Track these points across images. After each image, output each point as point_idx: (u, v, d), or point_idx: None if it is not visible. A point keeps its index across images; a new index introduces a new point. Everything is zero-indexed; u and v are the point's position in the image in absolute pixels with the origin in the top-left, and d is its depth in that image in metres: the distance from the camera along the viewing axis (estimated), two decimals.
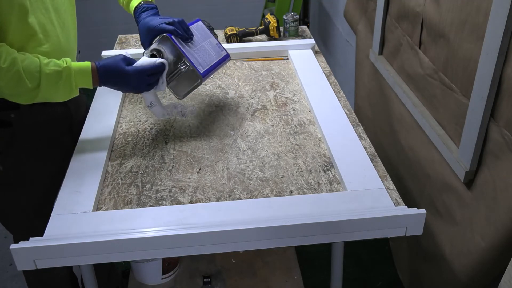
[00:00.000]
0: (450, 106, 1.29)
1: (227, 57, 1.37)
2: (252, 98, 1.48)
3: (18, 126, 1.20)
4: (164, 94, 1.51)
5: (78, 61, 1.17)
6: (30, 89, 1.06)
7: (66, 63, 1.10)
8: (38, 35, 1.13)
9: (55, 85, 1.09)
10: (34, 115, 1.22)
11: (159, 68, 1.18)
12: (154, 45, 1.24)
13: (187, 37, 1.27)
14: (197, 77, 1.25)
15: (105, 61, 1.15)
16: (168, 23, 1.25)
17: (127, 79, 1.15)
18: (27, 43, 1.12)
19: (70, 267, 1.55)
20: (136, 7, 1.34)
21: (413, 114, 1.51)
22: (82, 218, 1.01)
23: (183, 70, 1.24)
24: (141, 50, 1.75)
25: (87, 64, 1.12)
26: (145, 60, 1.19)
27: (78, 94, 1.15)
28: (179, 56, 1.23)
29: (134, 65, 1.17)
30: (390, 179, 1.13)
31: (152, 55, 1.23)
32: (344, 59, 2.73)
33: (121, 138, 1.31)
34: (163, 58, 1.22)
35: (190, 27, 1.29)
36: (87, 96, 1.48)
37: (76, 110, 1.39)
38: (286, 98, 1.48)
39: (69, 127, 1.35)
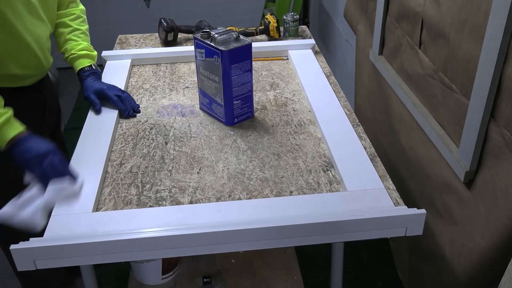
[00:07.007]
0: (450, 106, 1.29)
1: None
2: None
3: None
4: (164, 94, 1.51)
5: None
6: None
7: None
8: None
9: None
10: (8, 100, 1.18)
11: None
12: None
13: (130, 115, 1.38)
14: None
15: (24, 154, 1.08)
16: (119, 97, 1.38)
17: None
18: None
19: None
20: (83, 69, 1.41)
21: (413, 114, 1.51)
22: (82, 219, 1.01)
23: None
24: (140, 50, 1.76)
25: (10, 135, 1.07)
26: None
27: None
28: None
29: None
30: (390, 179, 1.13)
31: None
32: (344, 59, 2.73)
33: (121, 138, 1.31)
34: None
35: None
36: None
37: (51, 99, 1.37)
38: (286, 98, 1.48)
39: (42, 116, 1.32)
